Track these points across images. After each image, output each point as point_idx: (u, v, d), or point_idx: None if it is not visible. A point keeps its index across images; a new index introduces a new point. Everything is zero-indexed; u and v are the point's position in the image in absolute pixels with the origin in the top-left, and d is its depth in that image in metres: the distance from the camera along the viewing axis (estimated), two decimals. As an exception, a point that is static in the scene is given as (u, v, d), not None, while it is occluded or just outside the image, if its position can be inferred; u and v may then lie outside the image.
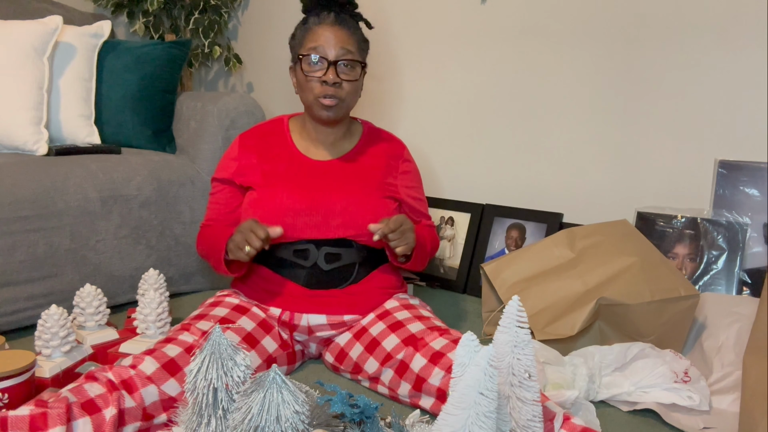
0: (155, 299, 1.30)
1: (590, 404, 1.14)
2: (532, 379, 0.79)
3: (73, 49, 1.79)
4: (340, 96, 1.26)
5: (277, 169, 1.31)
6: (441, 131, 2.06)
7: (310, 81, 1.26)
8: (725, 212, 1.52)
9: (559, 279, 1.40)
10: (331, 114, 1.28)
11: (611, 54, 1.69)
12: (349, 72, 1.27)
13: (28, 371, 1.02)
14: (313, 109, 1.29)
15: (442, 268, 1.98)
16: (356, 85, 1.29)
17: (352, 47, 1.26)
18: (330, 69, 1.24)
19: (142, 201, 1.66)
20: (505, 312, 0.80)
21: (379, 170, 1.35)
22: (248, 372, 0.80)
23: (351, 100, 1.30)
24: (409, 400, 1.15)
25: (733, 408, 1.17)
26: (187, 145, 1.90)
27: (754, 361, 1.08)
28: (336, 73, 1.24)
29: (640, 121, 1.67)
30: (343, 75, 1.26)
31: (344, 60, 1.25)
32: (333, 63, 1.24)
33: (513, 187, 1.92)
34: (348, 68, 1.26)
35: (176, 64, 1.95)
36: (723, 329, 1.32)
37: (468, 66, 1.96)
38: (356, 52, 1.27)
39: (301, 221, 1.25)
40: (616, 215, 1.69)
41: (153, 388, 0.98)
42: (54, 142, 1.75)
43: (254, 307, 1.27)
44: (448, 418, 0.70)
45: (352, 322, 1.29)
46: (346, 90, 1.27)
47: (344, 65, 1.25)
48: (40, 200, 1.46)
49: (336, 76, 1.24)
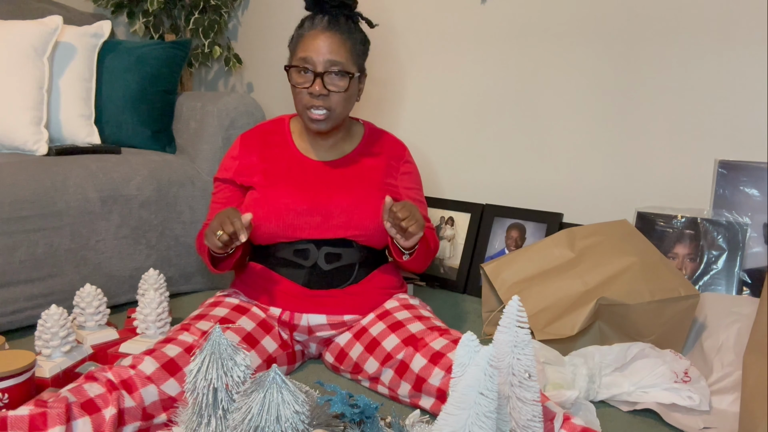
0: (155, 299, 1.30)
1: (590, 404, 1.14)
2: (532, 379, 0.79)
3: (73, 49, 1.79)
4: (329, 106, 1.24)
5: (277, 169, 1.31)
6: (441, 131, 2.06)
7: (299, 93, 1.25)
8: (725, 212, 1.52)
9: (559, 279, 1.40)
10: (320, 127, 1.26)
11: (611, 54, 1.69)
12: (337, 82, 1.24)
13: (28, 371, 1.02)
14: (303, 119, 1.28)
15: (442, 268, 1.98)
16: (346, 95, 1.26)
17: (342, 57, 1.23)
18: (317, 81, 1.22)
19: (142, 201, 1.66)
20: (505, 312, 0.80)
21: (379, 171, 1.35)
22: (248, 372, 0.80)
23: (342, 110, 1.27)
24: (409, 400, 1.15)
25: (733, 408, 1.17)
26: (187, 145, 1.90)
27: (754, 361, 1.08)
28: (323, 85, 1.22)
29: (640, 121, 1.67)
30: (331, 86, 1.23)
31: (333, 71, 1.23)
32: (320, 75, 1.22)
33: (513, 187, 1.92)
34: (337, 78, 1.23)
35: (176, 64, 1.95)
36: (723, 329, 1.32)
37: (468, 66, 1.96)
38: (347, 62, 1.24)
39: (302, 221, 1.25)
40: (616, 215, 1.69)
41: (153, 388, 0.98)
42: (54, 142, 1.75)
43: (254, 307, 1.27)
44: (448, 418, 0.70)
45: (352, 322, 1.29)
46: (334, 100, 1.24)
47: (334, 75, 1.23)
48: (40, 200, 1.46)
49: (323, 87, 1.22)
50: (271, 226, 1.25)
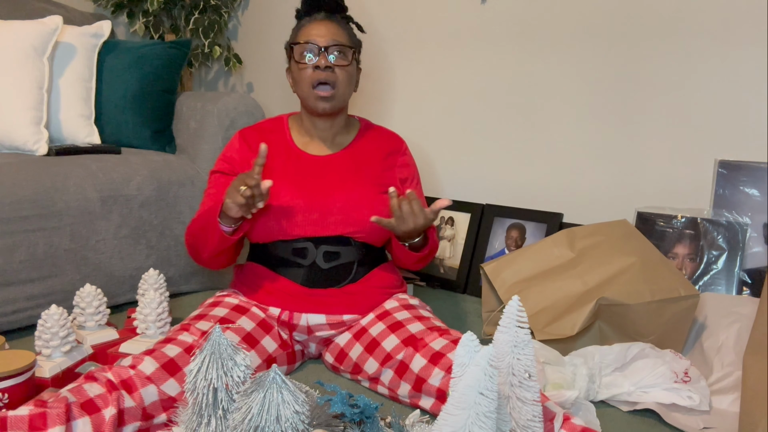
0: (155, 299, 1.30)
1: (590, 404, 1.14)
2: (532, 379, 0.79)
3: (73, 49, 1.79)
4: (333, 81, 1.27)
5: (274, 165, 1.31)
6: (441, 131, 2.06)
7: (302, 69, 1.28)
8: (725, 212, 1.52)
9: (559, 279, 1.40)
10: (327, 105, 1.28)
11: (611, 54, 1.69)
12: (341, 58, 1.28)
13: (28, 371, 1.02)
14: (308, 101, 1.30)
15: (442, 268, 1.98)
16: (349, 72, 1.30)
17: (342, 38, 1.29)
18: (321, 55, 1.26)
19: (142, 201, 1.66)
20: (505, 312, 0.80)
21: (377, 165, 1.35)
22: (248, 372, 0.80)
23: (345, 90, 1.31)
24: (409, 400, 1.15)
25: (733, 408, 1.17)
26: (187, 145, 1.90)
27: (754, 361, 1.08)
28: (327, 59, 1.26)
29: (640, 121, 1.67)
30: (336, 61, 1.28)
31: (336, 46, 1.27)
32: (324, 49, 1.26)
33: (513, 187, 1.92)
34: (340, 55, 1.28)
35: (176, 64, 1.95)
36: (723, 329, 1.32)
37: (468, 66, 1.96)
38: (347, 41, 1.30)
39: (299, 218, 1.26)
40: (616, 215, 1.69)
41: (152, 388, 0.98)
42: (54, 142, 1.75)
43: (254, 307, 1.27)
44: (448, 418, 0.70)
45: (352, 322, 1.29)
46: (339, 77, 1.28)
47: (336, 51, 1.28)
48: (40, 200, 1.46)
49: (327, 61, 1.26)
50: (269, 223, 1.25)
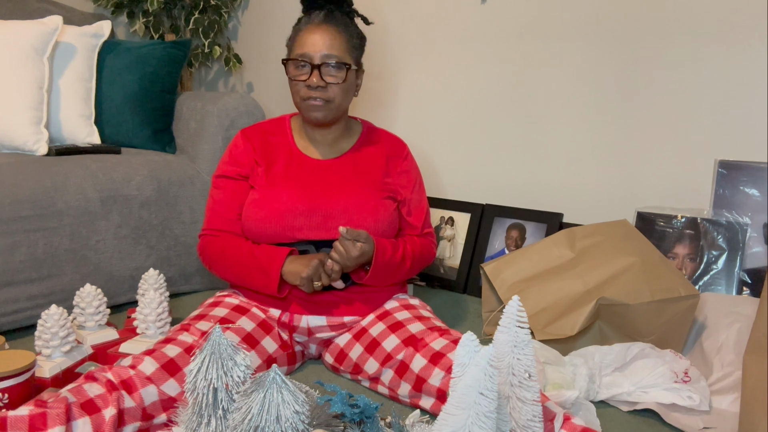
0: (155, 299, 1.30)
1: (590, 404, 1.14)
2: (532, 379, 0.79)
3: (73, 49, 1.79)
4: (327, 97, 1.25)
5: (277, 168, 1.31)
6: (441, 131, 2.06)
7: (296, 84, 1.26)
8: (725, 212, 1.52)
9: (559, 279, 1.40)
10: (319, 115, 1.26)
11: (611, 54, 1.69)
12: (335, 74, 1.25)
13: (28, 371, 1.02)
14: (302, 110, 1.29)
15: (442, 268, 1.98)
16: (344, 87, 1.27)
17: (338, 50, 1.24)
18: (314, 72, 1.23)
19: (142, 201, 1.66)
20: (505, 312, 0.80)
21: (379, 170, 1.35)
22: (248, 372, 0.80)
23: (341, 101, 1.28)
24: (409, 400, 1.15)
25: (733, 408, 1.17)
26: (187, 145, 1.90)
27: (754, 361, 1.08)
28: (320, 77, 1.23)
29: (640, 121, 1.67)
30: (328, 78, 1.24)
31: (329, 64, 1.23)
32: (317, 67, 1.23)
33: (513, 187, 1.92)
34: (334, 70, 1.24)
35: (176, 64, 1.95)
36: (723, 329, 1.32)
37: (468, 66, 1.96)
38: (343, 54, 1.25)
39: (301, 222, 1.25)
40: (616, 215, 1.69)
41: (152, 388, 0.98)
42: (54, 142, 1.75)
43: (254, 308, 1.27)
44: (448, 418, 0.70)
45: (352, 323, 1.28)
46: (332, 92, 1.25)
47: (331, 67, 1.24)
48: (40, 200, 1.46)
49: (320, 79, 1.23)
50: (271, 227, 1.25)
